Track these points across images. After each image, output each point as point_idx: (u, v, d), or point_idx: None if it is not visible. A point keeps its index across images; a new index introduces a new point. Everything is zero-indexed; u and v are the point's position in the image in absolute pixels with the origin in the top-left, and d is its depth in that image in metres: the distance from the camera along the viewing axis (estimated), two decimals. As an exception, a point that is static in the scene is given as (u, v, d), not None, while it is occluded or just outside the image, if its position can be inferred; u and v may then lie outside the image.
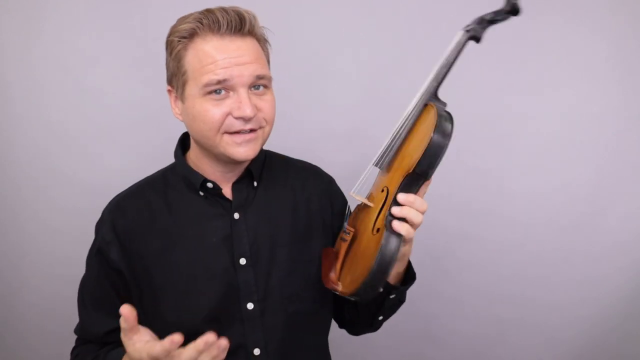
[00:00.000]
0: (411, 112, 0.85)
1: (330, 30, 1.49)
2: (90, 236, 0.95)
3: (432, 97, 0.84)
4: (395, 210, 0.78)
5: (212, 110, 0.81)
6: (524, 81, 1.53)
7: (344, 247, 0.88)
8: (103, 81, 1.46)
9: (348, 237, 0.87)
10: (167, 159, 1.01)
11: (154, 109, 1.48)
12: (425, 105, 0.84)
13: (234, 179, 0.93)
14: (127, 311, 0.70)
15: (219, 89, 0.80)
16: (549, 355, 1.74)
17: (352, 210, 0.94)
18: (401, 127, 0.85)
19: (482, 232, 1.65)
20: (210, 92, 0.80)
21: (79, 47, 1.43)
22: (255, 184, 0.94)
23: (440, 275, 1.67)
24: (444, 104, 0.84)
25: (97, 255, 0.92)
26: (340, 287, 0.84)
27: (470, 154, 1.57)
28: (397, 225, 0.77)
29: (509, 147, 1.59)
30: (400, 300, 0.97)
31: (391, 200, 0.80)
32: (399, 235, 0.77)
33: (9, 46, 1.42)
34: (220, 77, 0.79)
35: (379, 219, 0.81)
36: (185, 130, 0.98)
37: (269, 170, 0.98)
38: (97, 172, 1.50)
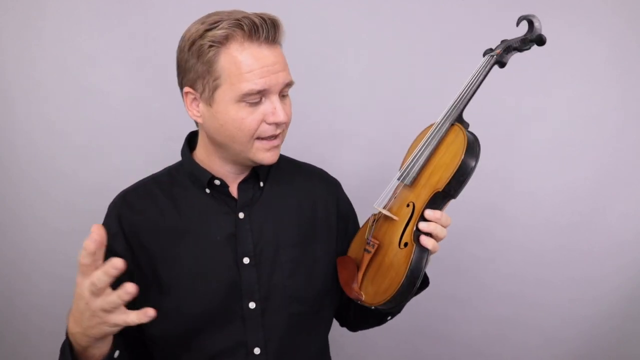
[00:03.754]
0: (435, 131, 0.88)
1: (335, 31, 1.49)
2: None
3: (458, 118, 0.88)
4: (423, 226, 0.82)
5: (249, 118, 0.82)
6: (524, 81, 1.53)
7: (366, 258, 0.90)
8: (103, 81, 1.46)
9: (372, 249, 0.89)
10: (167, 158, 1.01)
11: (154, 109, 1.49)
12: (452, 125, 0.87)
13: (240, 178, 0.94)
14: (97, 230, 0.67)
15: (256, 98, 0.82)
16: (549, 355, 1.74)
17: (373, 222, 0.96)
18: (425, 145, 0.88)
19: (482, 232, 1.65)
20: (244, 100, 0.81)
21: (79, 47, 1.43)
22: (261, 184, 0.96)
23: (440, 275, 1.66)
24: (467, 125, 0.89)
25: None
26: (363, 297, 0.87)
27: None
28: (424, 240, 0.81)
29: (508, 147, 1.59)
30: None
31: (418, 215, 0.83)
32: (426, 249, 0.82)
33: (9, 46, 1.42)
34: (260, 87, 0.80)
35: (406, 233, 0.84)
36: (190, 130, 0.99)
37: (276, 172, 0.99)
38: (97, 172, 1.50)
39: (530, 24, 0.89)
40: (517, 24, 0.91)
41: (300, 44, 1.44)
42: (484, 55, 0.93)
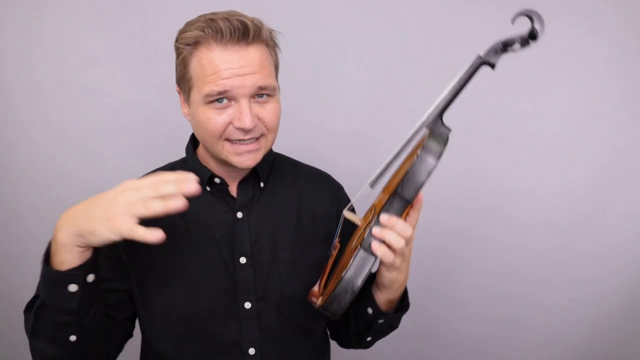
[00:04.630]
0: (412, 136, 0.82)
1: (335, 31, 1.49)
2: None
3: (436, 121, 0.80)
4: (375, 231, 0.76)
5: (214, 119, 0.81)
6: (524, 81, 1.53)
7: (330, 262, 0.89)
8: (103, 81, 1.46)
9: (334, 253, 0.88)
10: (167, 158, 1.01)
11: (154, 109, 1.49)
12: (428, 128, 0.80)
13: (240, 178, 0.94)
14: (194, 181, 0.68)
15: (221, 98, 0.81)
16: (549, 355, 1.74)
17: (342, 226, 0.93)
18: (399, 150, 0.83)
19: (482, 232, 1.65)
20: (212, 101, 0.81)
21: (79, 47, 1.44)
22: (261, 184, 0.95)
23: (440, 275, 1.67)
24: (448, 130, 0.80)
25: None
26: (318, 302, 0.83)
27: (470, 154, 1.57)
28: (374, 246, 0.75)
29: (508, 147, 1.59)
30: (392, 325, 0.96)
31: (374, 220, 0.78)
32: (374, 256, 0.75)
33: (9, 46, 1.42)
34: (220, 88, 0.79)
35: (359, 237, 0.80)
36: (190, 129, 0.98)
37: (277, 173, 0.99)
38: (97, 172, 1.50)
39: (531, 20, 0.79)
40: (513, 22, 0.81)
41: (300, 44, 1.45)
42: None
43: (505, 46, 0.81)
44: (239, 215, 0.92)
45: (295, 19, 1.46)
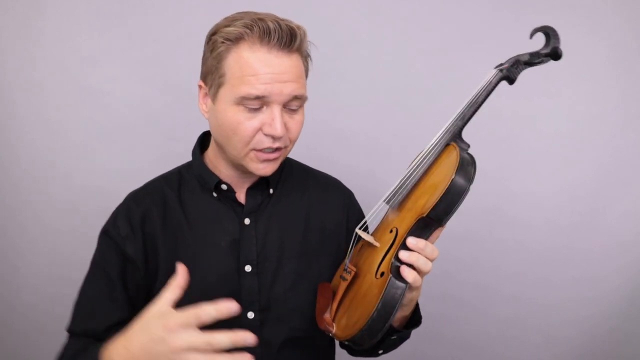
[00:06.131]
0: (431, 150, 0.80)
1: (335, 31, 1.49)
2: (89, 236, 0.95)
3: (456, 137, 0.79)
4: (404, 256, 0.74)
5: (245, 124, 0.79)
6: (524, 81, 1.52)
7: (342, 286, 0.82)
8: (103, 81, 1.46)
9: (348, 277, 0.82)
10: (167, 159, 1.01)
11: (154, 109, 1.49)
12: (447, 145, 0.78)
13: (249, 184, 0.92)
14: (182, 268, 0.65)
15: (256, 102, 0.78)
16: (549, 355, 1.74)
17: (354, 246, 0.88)
18: (418, 165, 0.81)
19: (482, 232, 1.64)
20: (244, 104, 0.78)
21: (79, 47, 1.43)
22: (271, 191, 0.93)
23: (440, 275, 1.66)
24: (467, 145, 0.79)
25: (105, 238, 0.89)
26: (334, 330, 0.80)
27: (470, 153, 1.57)
28: (405, 271, 0.73)
29: (508, 147, 1.59)
30: (403, 338, 0.93)
31: (400, 243, 0.75)
32: (405, 282, 0.73)
33: (9, 46, 1.42)
34: (259, 92, 0.77)
35: (384, 262, 0.76)
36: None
37: (287, 179, 0.97)
38: (97, 172, 1.50)
39: (547, 36, 0.79)
40: (531, 37, 0.81)
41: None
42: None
43: (528, 64, 0.82)
44: (247, 221, 0.90)
45: (295, 19, 1.46)
